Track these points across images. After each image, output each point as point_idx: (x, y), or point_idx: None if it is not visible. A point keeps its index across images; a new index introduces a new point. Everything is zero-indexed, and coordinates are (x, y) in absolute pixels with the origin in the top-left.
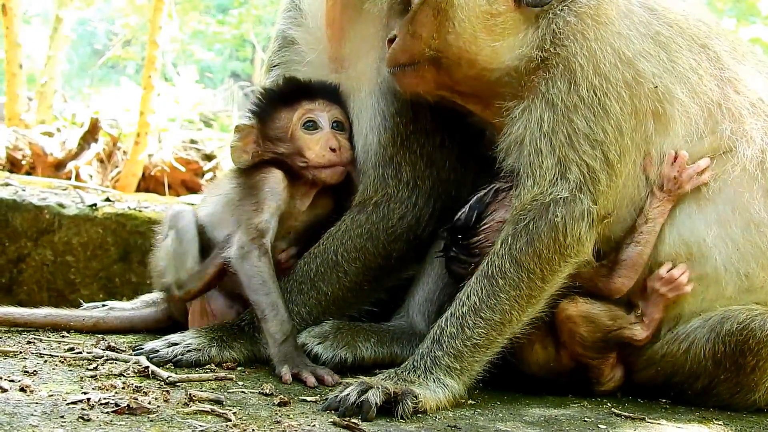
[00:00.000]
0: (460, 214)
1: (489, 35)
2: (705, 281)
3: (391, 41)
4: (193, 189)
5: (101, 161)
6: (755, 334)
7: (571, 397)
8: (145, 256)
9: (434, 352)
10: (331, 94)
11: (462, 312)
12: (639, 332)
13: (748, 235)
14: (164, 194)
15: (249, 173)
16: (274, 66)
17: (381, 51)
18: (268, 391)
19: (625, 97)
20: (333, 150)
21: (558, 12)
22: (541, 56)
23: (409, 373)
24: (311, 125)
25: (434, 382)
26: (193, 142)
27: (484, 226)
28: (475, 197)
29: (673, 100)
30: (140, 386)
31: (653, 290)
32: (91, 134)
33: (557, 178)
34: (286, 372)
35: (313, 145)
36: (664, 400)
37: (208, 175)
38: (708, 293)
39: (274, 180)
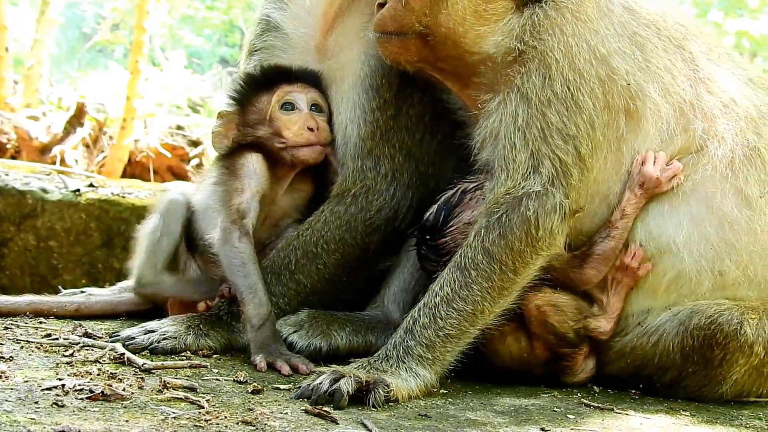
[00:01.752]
0: (428, 214)
1: (477, 20)
2: (678, 278)
3: (381, 5)
4: (179, 175)
5: (87, 146)
6: (723, 328)
7: (542, 388)
8: (128, 242)
9: (407, 341)
10: (310, 78)
11: (435, 302)
12: (603, 324)
13: (722, 233)
14: (150, 180)
15: (230, 158)
16: (255, 50)
17: (366, 44)
18: (242, 378)
19: (598, 92)
20: (311, 129)
21: (542, 5)
22: (519, 48)
23: (381, 362)
24: (289, 106)
25: (406, 371)
26: (179, 128)
27: (451, 228)
28: (443, 197)
29: (646, 98)
30: (115, 373)
31: (613, 279)
32: (77, 119)
33: (530, 172)
34: (260, 360)
35: (291, 125)
36: (633, 392)
37: (194, 162)
38: (682, 290)
39: (254, 162)
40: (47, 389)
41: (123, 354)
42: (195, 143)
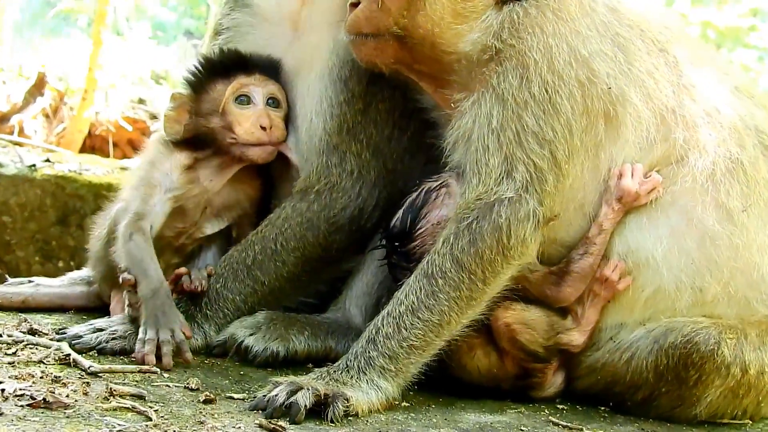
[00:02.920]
0: (394, 220)
1: (455, 18)
2: (656, 294)
3: (354, 5)
4: (139, 149)
5: (47, 116)
6: (699, 348)
7: (508, 402)
8: (83, 220)
9: (369, 352)
10: (270, 68)
11: (399, 311)
12: (576, 338)
13: (703, 248)
14: (109, 153)
15: (162, 148)
16: (223, 29)
17: (337, 29)
18: (193, 385)
19: (577, 96)
20: (263, 128)
21: (522, 2)
22: (496, 46)
23: (341, 373)
24: (244, 100)
25: (367, 383)
26: (141, 101)
27: (420, 230)
28: (407, 201)
29: (626, 103)
30: (59, 376)
31: (590, 291)
32: (37, 88)
33: (503, 177)
34: (138, 351)
35: (244, 121)
36: (603, 409)
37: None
38: (659, 305)
39: (172, 165)
40: None
41: (69, 355)
42: (156, 117)
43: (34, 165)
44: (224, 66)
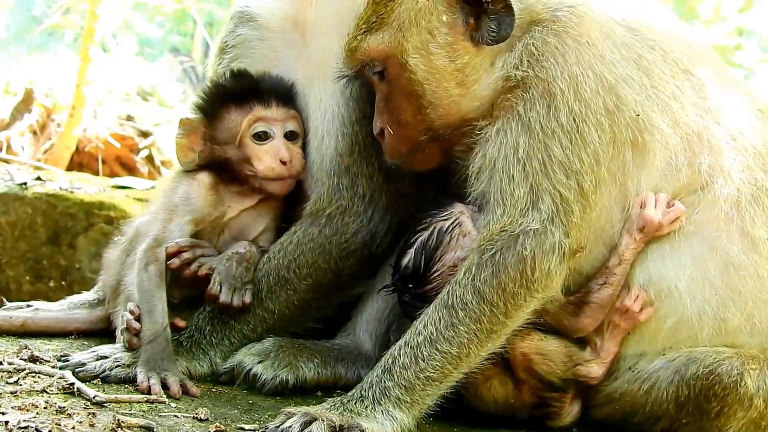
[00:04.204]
0: (406, 261)
1: (461, 87)
2: (679, 324)
3: (380, 135)
4: (127, 166)
5: (34, 133)
6: (722, 379)
7: (524, 431)
8: (75, 239)
9: (384, 382)
10: (285, 95)
11: (417, 342)
12: (595, 370)
13: (727, 277)
14: (98, 169)
15: (182, 175)
16: (228, 48)
17: (348, 32)
18: (203, 416)
19: (605, 125)
20: (284, 163)
21: (534, 34)
22: (519, 75)
23: (356, 403)
24: (263, 135)
25: (382, 414)
26: (129, 118)
27: (436, 273)
28: (418, 240)
29: (654, 130)
30: (64, 407)
31: (610, 322)
32: (24, 104)
33: (528, 208)
34: (142, 380)
35: (263, 155)
36: None
37: (143, 153)
38: (680, 335)
39: (194, 188)
40: None
41: (73, 384)
42: (145, 134)
43: (25, 183)
44: (236, 93)
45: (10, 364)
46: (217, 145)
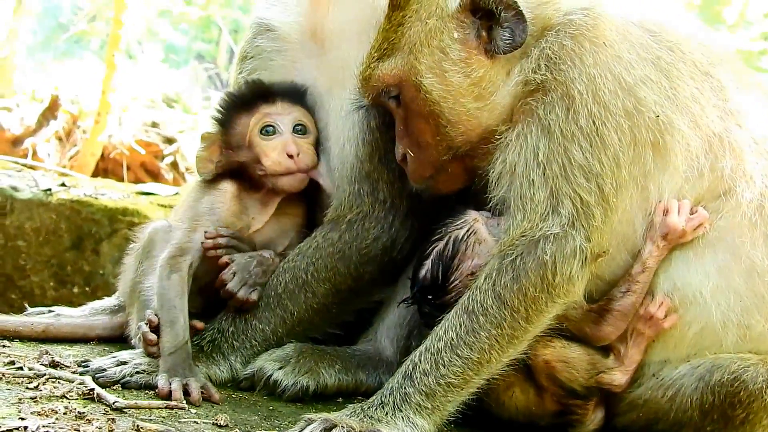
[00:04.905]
0: (424, 272)
1: (479, 101)
2: (703, 331)
3: (403, 161)
4: (152, 172)
5: (60, 139)
6: (747, 386)
7: None
8: (98, 244)
9: (405, 388)
10: (293, 94)
11: (438, 347)
12: (618, 378)
13: (751, 284)
14: (123, 175)
15: (205, 183)
16: (248, 58)
17: (367, 42)
18: (222, 422)
19: (624, 127)
20: (291, 156)
21: (550, 39)
22: (538, 79)
23: (376, 409)
24: (270, 130)
25: (402, 420)
26: (154, 124)
27: (454, 282)
28: (434, 251)
29: (674, 131)
30: (83, 412)
31: (633, 330)
32: (50, 111)
33: (548, 212)
34: (163, 385)
35: (270, 151)
36: None
37: (168, 159)
38: (705, 342)
39: (218, 197)
40: (7, 431)
41: (93, 389)
42: (169, 140)
43: (49, 189)
44: (246, 98)
45: (30, 369)
46: (232, 150)
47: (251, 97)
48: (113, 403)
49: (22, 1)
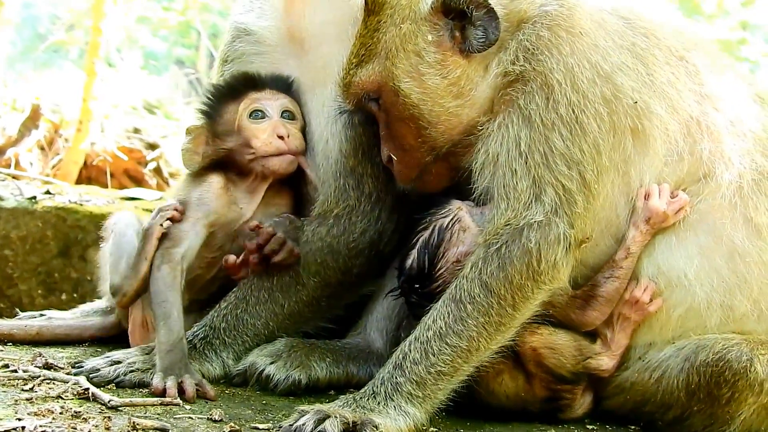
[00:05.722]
0: (410, 261)
1: (458, 99)
2: (688, 313)
3: (389, 162)
4: (136, 178)
5: (42, 148)
6: (732, 365)
7: (537, 424)
8: (85, 251)
9: (396, 377)
10: (280, 83)
11: (427, 337)
12: (605, 363)
13: (732, 265)
14: (106, 182)
15: (192, 178)
16: (228, 62)
17: (347, 39)
18: (217, 417)
19: (603, 114)
20: (281, 137)
21: (527, 30)
22: (517, 70)
23: (368, 399)
24: (258, 114)
25: (395, 409)
26: (136, 131)
27: (440, 270)
28: (419, 240)
29: (652, 116)
30: (79, 411)
31: (619, 315)
32: (32, 120)
33: (532, 201)
34: (158, 382)
35: (260, 133)
36: (633, 428)
37: (151, 165)
38: (689, 324)
39: (206, 188)
40: (6, 431)
41: (87, 389)
42: (152, 146)
43: (34, 197)
44: (233, 88)
45: (25, 371)
46: (219, 139)
47: (239, 86)
48: (108, 402)
49: (0, 12)
